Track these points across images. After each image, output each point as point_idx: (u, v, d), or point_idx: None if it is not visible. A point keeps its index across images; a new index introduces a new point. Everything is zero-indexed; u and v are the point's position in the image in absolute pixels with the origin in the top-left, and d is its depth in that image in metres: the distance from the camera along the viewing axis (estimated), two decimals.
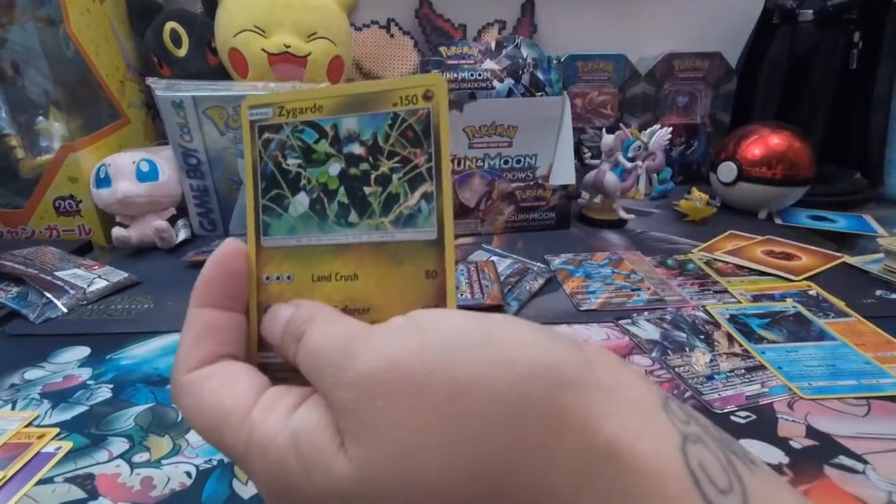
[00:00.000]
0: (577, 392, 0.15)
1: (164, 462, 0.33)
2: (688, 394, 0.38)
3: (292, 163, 0.20)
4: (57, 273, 0.56)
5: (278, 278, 0.20)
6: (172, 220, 0.68)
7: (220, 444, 0.18)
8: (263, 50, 0.71)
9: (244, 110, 0.20)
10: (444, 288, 0.19)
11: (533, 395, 0.15)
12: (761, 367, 0.41)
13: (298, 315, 0.19)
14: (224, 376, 0.18)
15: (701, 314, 0.49)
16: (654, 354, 0.43)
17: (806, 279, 0.55)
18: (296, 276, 0.20)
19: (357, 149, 0.20)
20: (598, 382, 0.15)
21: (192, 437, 0.36)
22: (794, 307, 0.49)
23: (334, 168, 0.20)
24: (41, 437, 0.36)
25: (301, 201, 0.20)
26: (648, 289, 0.54)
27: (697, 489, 0.14)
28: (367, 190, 0.19)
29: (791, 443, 0.34)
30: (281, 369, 0.20)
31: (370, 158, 0.19)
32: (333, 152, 0.20)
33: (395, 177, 0.19)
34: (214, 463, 0.33)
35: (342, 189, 0.20)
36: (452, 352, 0.15)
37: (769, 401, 0.37)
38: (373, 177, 0.19)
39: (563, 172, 0.69)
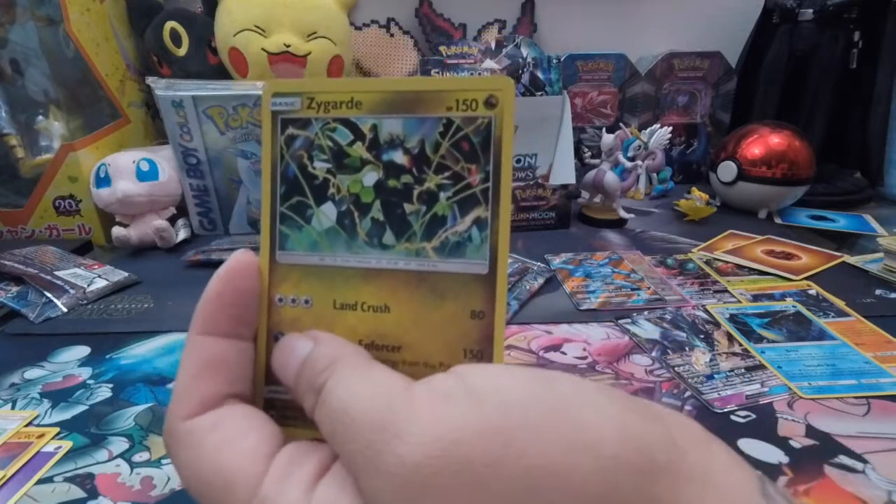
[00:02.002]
0: (669, 481, 0.13)
1: (164, 461, 0.33)
2: (688, 393, 0.38)
3: (320, 166, 0.17)
4: (57, 273, 0.56)
5: (294, 301, 0.17)
6: (172, 220, 0.68)
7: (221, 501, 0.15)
8: (263, 49, 0.71)
9: (266, 97, 0.17)
10: (492, 332, 0.16)
11: (622, 487, 0.12)
12: (761, 367, 0.41)
13: (318, 356, 0.15)
14: (229, 429, 0.16)
15: (701, 314, 0.49)
16: (654, 354, 0.43)
17: (806, 279, 0.55)
18: (315, 300, 0.17)
19: (399, 157, 0.17)
20: (690, 469, 0.13)
21: None
22: (794, 307, 0.49)
23: (370, 178, 0.17)
24: (41, 436, 0.36)
25: (327, 213, 0.17)
26: (648, 288, 0.54)
27: None
28: (407, 207, 0.17)
29: (791, 442, 0.34)
30: (291, 408, 0.17)
31: (414, 170, 0.17)
32: (371, 158, 0.17)
33: (442, 195, 0.16)
34: None
35: (378, 203, 0.17)
36: (522, 431, 0.12)
37: (769, 400, 0.37)
38: (416, 193, 0.17)
39: (563, 172, 0.69)
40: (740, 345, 0.44)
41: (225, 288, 0.17)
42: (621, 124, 0.79)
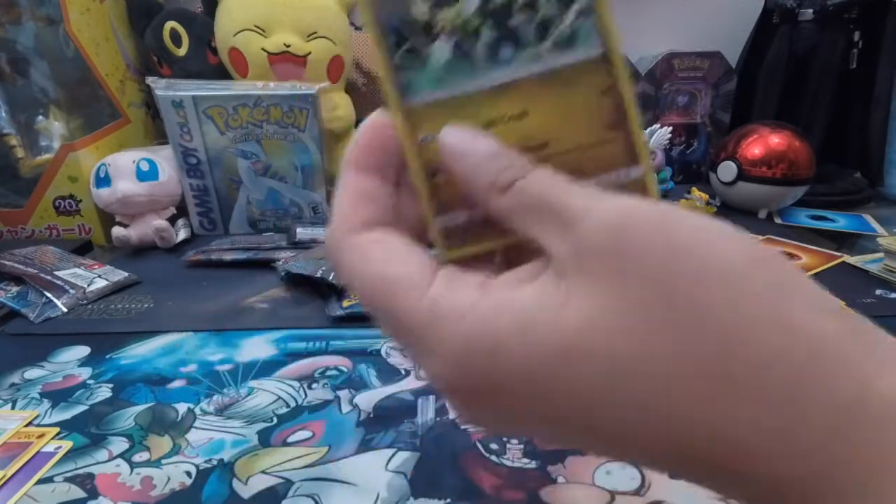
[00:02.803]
0: None
1: (164, 461, 0.33)
2: None
3: (420, 9, 0.18)
4: (57, 272, 0.56)
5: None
6: (172, 220, 0.68)
7: (389, 308, 0.16)
8: (263, 49, 0.71)
9: None
10: (623, 104, 0.18)
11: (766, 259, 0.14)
12: None
13: (502, 153, 0.17)
14: (392, 245, 0.17)
15: None
16: None
17: None
18: None
19: None
20: None
21: (192, 436, 0.36)
22: None
23: (470, 4, 0.17)
24: (41, 436, 0.36)
25: (441, 48, 0.18)
26: None
27: None
28: (514, 20, 0.17)
29: None
30: (460, 231, 0.18)
31: None
32: None
33: (541, 0, 0.17)
34: (214, 463, 0.33)
35: (486, 25, 0.18)
36: (691, 217, 0.15)
37: None
38: (517, 5, 0.17)
39: None
40: None
41: (374, 133, 0.18)
42: None
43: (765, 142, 0.72)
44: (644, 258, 0.14)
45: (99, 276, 0.57)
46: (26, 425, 0.37)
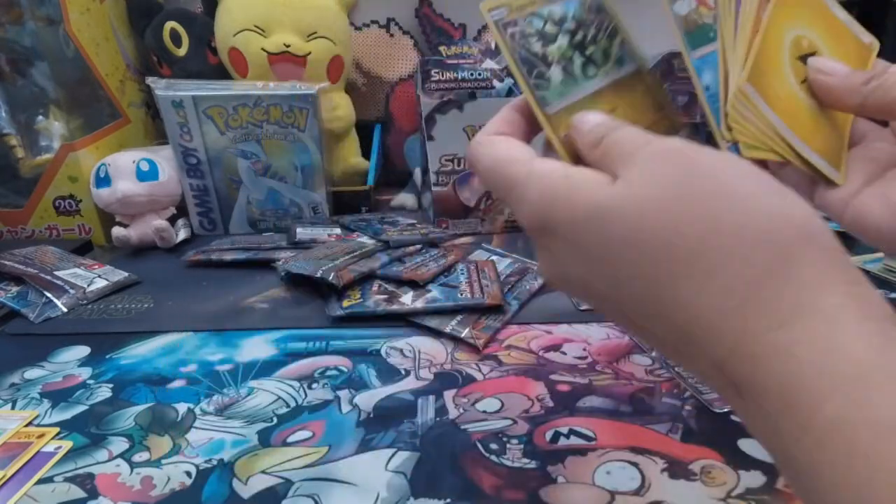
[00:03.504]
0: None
1: (163, 461, 0.33)
2: (687, 393, 0.38)
3: (536, 46, 0.25)
4: (57, 272, 0.56)
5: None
6: (172, 220, 0.68)
7: (504, 172, 0.23)
8: (263, 49, 0.71)
9: (486, 12, 0.25)
10: (658, 97, 0.27)
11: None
12: None
13: (605, 122, 0.23)
14: (513, 142, 0.25)
15: None
16: (654, 353, 0.43)
17: None
18: None
19: (569, 24, 0.26)
20: None
21: (192, 436, 0.36)
22: None
23: (563, 40, 0.26)
24: (41, 436, 0.36)
25: (555, 72, 0.25)
26: None
27: None
28: (589, 50, 0.26)
29: None
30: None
31: (580, 31, 0.26)
32: (558, 31, 0.26)
33: (599, 37, 0.26)
34: (214, 463, 0.33)
35: (575, 55, 0.26)
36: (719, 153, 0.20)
37: None
38: (587, 40, 0.26)
39: None
40: None
41: (512, 111, 0.27)
42: None
43: None
44: (672, 172, 0.19)
45: (99, 276, 0.57)
46: (26, 425, 0.37)
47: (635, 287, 0.20)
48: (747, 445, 0.33)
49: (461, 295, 0.49)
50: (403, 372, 0.42)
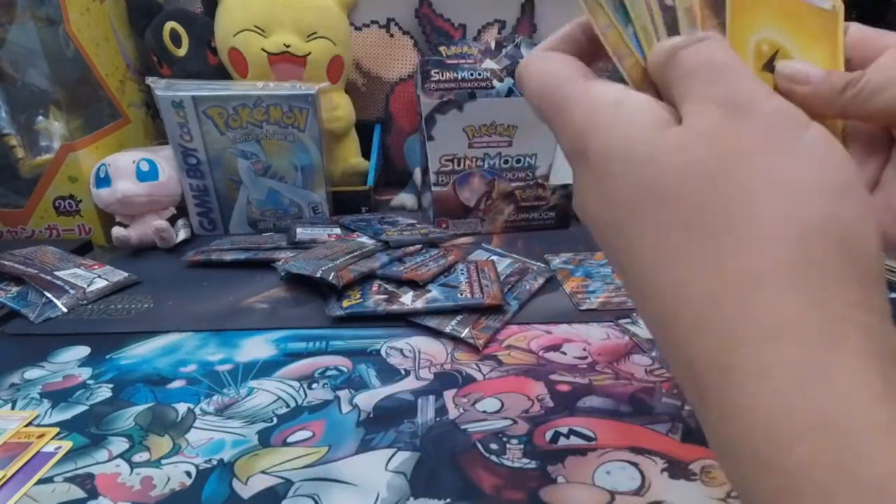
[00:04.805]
0: None
1: (163, 462, 0.33)
2: None
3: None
4: (57, 273, 0.56)
5: None
6: (172, 220, 0.68)
7: (553, 91, 0.22)
8: (263, 49, 0.71)
9: None
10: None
11: None
12: None
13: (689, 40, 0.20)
14: (572, 59, 0.23)
15: None
16: (653, 354, 0.43)
17: None
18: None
19: None
20: None
21: (192, 436, 0.36)
22: None
23: None
24: (41, 436, 0.36)
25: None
26: None
27: None
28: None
29: None
30: None
31: None
32: None
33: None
34: (214, 463, 0.33)
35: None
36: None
37: None
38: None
39: (563, 172, 0.69)
40: None
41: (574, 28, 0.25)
42: None
43: None
44: (740, 146, 0.17)
45: (99, 277, 0.57)
46: (26, 425, 0.37)
47: (648, 253, 0.18)
48: None
49: (461, 295, 0.49)
50: (403, 372, 0.42)
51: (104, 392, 0.40)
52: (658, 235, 0.17)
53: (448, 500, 0.30)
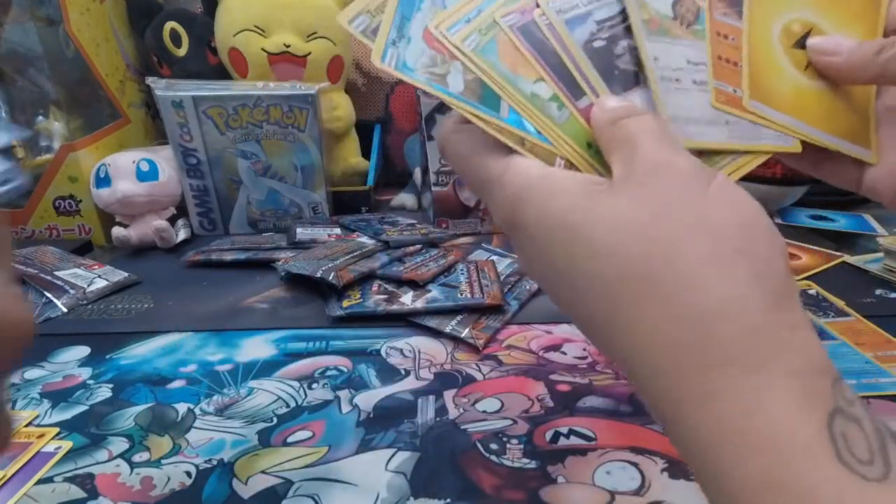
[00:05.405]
0: None
1: (163, 462, 0.33)
2: None
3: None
4: (57, 273, 0.56)
5: None
6: (172, 220, 0.68)
7: (479, 165, 0.22)
8: (263, 49, 0.71)
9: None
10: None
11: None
12: None
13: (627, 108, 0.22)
14: (478, 130, 0.23)
15: None
16: None
17: (806, 278, 0.55)
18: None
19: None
20: None
21: (192, 436, 0.36)
22: None
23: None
24: (41, 436, 0.36)
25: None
26: None
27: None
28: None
29: None
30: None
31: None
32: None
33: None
34: (214, 463, 0.33)
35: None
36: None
37: None
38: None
39: None
40: None
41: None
42: None
43: None
44: (666, 202, 0.19)
45: (99, 277, 0.57)
46: (26, 425, 0.37)
47: (593, 306, 0.19)
48: None
49: (461, 295, 0.49)
50: (403, 372, 0.42)
51: (104, 392, 0.40)
52: (605, 287, 0.19)
53: (448, 500, 0.30)
